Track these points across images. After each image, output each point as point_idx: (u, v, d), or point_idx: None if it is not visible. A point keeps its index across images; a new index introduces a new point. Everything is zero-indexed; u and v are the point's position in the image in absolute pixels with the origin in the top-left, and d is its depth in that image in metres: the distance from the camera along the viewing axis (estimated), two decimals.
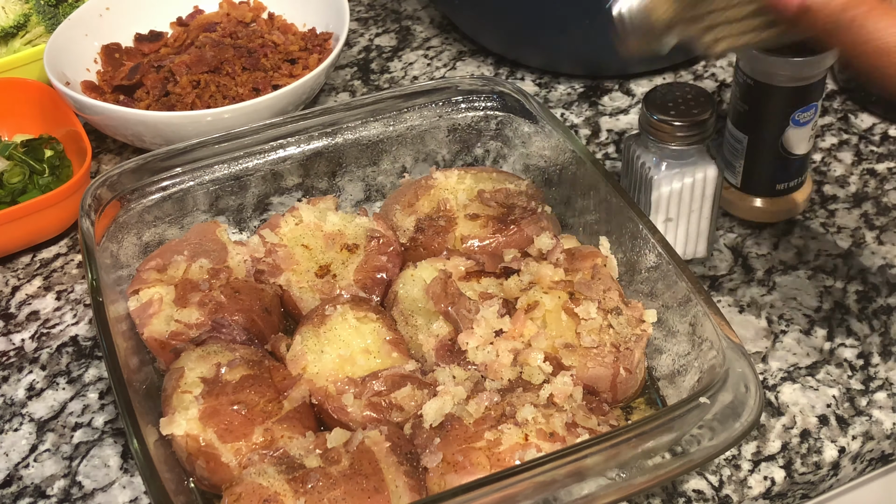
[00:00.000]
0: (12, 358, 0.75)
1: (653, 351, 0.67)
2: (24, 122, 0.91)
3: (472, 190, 0.77)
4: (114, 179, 0.72)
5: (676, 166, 0.73)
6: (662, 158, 0.73)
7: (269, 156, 0.77)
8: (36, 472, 0.67)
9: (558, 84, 1.00)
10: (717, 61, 1.02)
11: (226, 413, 0.60)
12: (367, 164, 0.81)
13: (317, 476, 0.56)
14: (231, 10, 1.01)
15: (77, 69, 0.92)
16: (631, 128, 0.94)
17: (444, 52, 1.06)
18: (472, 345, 0.63)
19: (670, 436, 0.55)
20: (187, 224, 0.76)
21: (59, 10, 0.98)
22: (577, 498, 0.54)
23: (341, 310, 0.67)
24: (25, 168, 0.85)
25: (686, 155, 0.72)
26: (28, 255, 0.84)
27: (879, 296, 0.76)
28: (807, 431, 0.67)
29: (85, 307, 0.79)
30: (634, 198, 0.76)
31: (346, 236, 0.74)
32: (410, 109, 0.80)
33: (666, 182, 0.73)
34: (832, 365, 0.71)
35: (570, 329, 0.64)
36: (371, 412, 0.61)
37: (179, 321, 0.66)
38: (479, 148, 0.83)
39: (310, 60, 0.94)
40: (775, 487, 0.64)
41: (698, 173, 0.73)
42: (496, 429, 0.58)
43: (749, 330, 0.74)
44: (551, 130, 0.76)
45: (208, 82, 0.89)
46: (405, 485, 0.56)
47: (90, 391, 0.72)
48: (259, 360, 0.64)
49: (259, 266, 0.72)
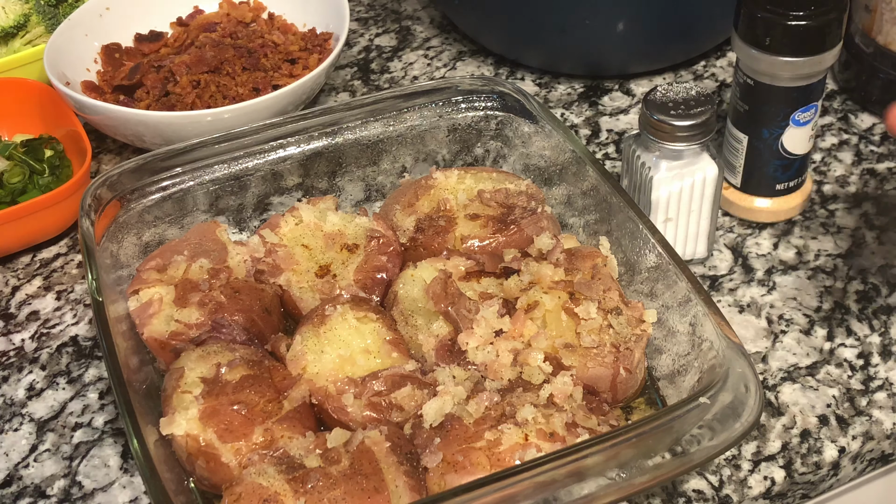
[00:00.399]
0: (12, 358, 0.75)
1: (653, 351, 0.67)
2: (24, 122, 0.91)
3: (472, 190, 0.77)
4: (114, 179, 0.72)
5: (676, 166, 0.73)
6: (662, 158, 0.73)
7: (269, 156, 0.77)
8: (36, 472, 0.67)
9: (558, 84, 1.00)
10: (717, 61, 1.02)
11: (226, 413, 0.60)
12: (367, 164, 0.81)
13: (317, 476, 0.56)
14: (231, 10, 1.01)
15: (77, 69, 0.92)
16: (631, 128, 0.94)
17: (444, 52, 1.06)
18: (472, 345, 0.63)
19: (670, 436, 0.55)
20: (187, 224, 0.76)
21: (59, 10, 0.98)
22: (577, 498, 0.54)
23: (341, 310, 0.67)
24: (25, 168, 0.85)
25: (686, 155, 0.72)
26: (28, 255, 0.84)
27: (879, 296, 0.76)
28: (807, 431, 0.67)
29: (85, 307, 0.79)
30: (634, 198, 0.76)
31: (346, 236, 0.74)
32: (410, 109, 0.80)
33: (666, 182, 0.73)
34: (832, 365, 0.71)
35: (570, 329, 0.64)
36: (371, 412, 0.61)
37: (179, 321, 0.66)
38: (479, 148, 0.83)
39: (310, 60, 0.94)
40: (775, 487, 0.64)
41: (698, 173, 0.73)
42: (496, 429, 0.58)
43: (749, 330, 0.74)
44: (551, 130, 0.76)
45: (208, 82, 0.89)
46: (405, 485, 0.56)
47: (90, 391, 0.72)
48: (259, 360, 0.64)
49: (259, 266, 0.72)
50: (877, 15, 0.87)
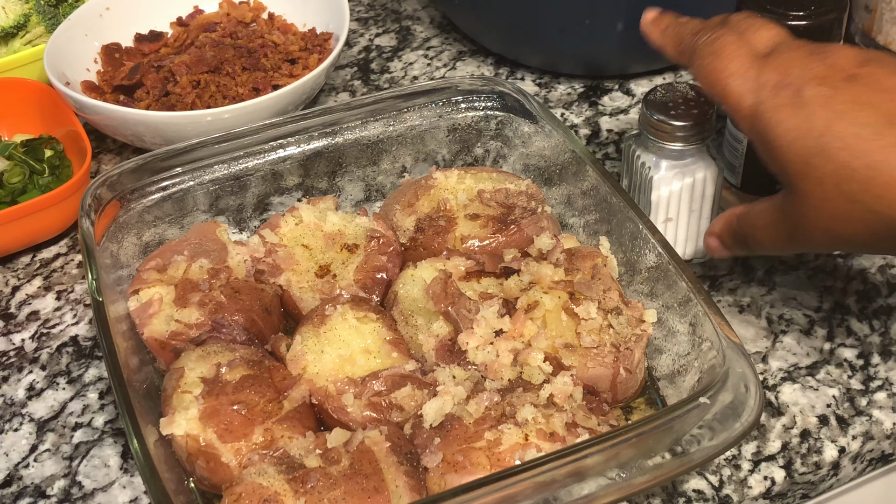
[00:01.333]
0: (12, 358, 0.75)
1: (653, 351, 0.67)
2: (24, 122, 0.91)
3: (472, 190, 0.77)
4: (114, 179, 0.72)
5: (676, 166, 0.73)
6: (662, 158, 0.73)
7: (269, 156, 0.77)
8: (36, 472, 0.67)
9: (558, 84, 1.00)
10: None
11: (226, 413, 0.60)
12: (367, 164, 0.81)
13: (317, 476, 0.56)
14: (231, 10, 1.01)
15: (77, 69, 0.92)
16: (631, 128, 0.94)
17: (444, 52, 1.06)
18: (472, 345, 0.63)
19: (670, 436, 0.55)
20: (187, 224, 0.76)
21: (59, 10, 0.98)
22: (577, 498, 0.54)
23: (341, 310, 0.67)
24: (25, 168, 0.85)
25: (686, 155, 0.72)
26: (28, 255, 0.84)
27: (879, 296, 0.76)
28: (807, 431, 0.67)
29: (85, 307, 0.79)
30: (634, 198, 0.76)
31: (346, 236, 0.74)
32: (410, 109, 0.80)
33: (666, 182, 0.73)
34: (832, 365, 0.71)
35: (570, 329, 0.65)
36: (371, 412, 0.61)
37: (179, 321, 0.66)
38: (479, 148, 0.83)
39: (310, 60, 0.94)
40: (775, 487, 0.64)
41: (698, 173, 0.73)
42: (496, 429, 0.58)
43: (749, 330, 0.74)
44: (551, 130, 0.76)
45: (208, 82, 0.89)
46: (405, 485, 0.56)
47: (90, 391, 0.72)
48: (259, 360, 0.64)
49: (259, 266, 0.72)
50: (877, 15, 0.87)
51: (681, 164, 0.73)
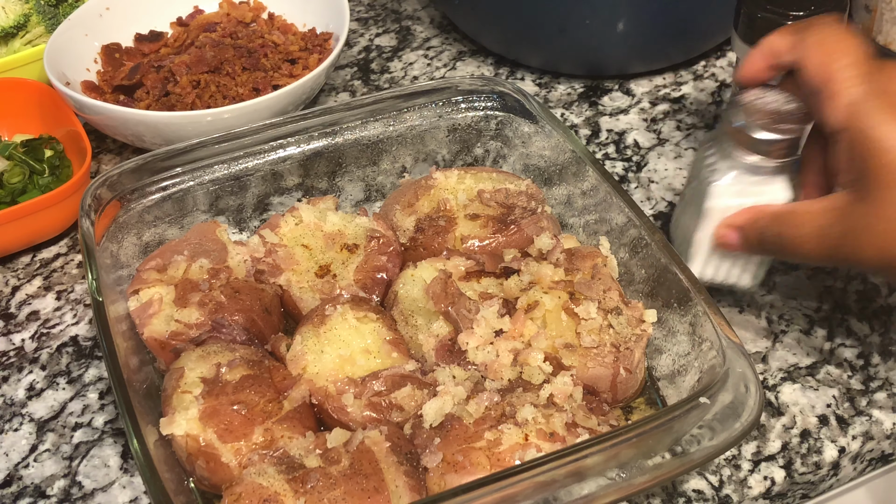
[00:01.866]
0: (12, 358, 0.75)
1: (653, 351, 0.67)
2: (24, 122, 0.91)
3: (472, 190, 0.77)
4: (114, 179, 0.72)
5: (745, 181, 0.65)
6: (733, 168, 0.65)
7: (269, 156, 0.77)
8: (36, 472, 0.67)
9: (558, 84, 1.00)
10: (717, 61, 1.02)
11: (226, 413, 0.60)
12: (367, 164, 0.81)
13: (317, 476, 0.56)
14: (231, 10, 1.01)
15: (77, 69, 0.92)
16: (631, 128, 0.94)
17: (444, 52, 1.06)
18: (472, 345, 0.63)
19: (670, 436, 0.55)
20: (187, 224, 0.76)
21: (59, 10, 0.98)
22: (577, 498, 0.54)
23: (341, 310, 0.67)
24: (25, 168, 0.85)
25: (761, 171, 0.64)
26: (28, 255, 0.84)
27: (879, 296, 0.76)
28: (807, 431, 0.67)
29: (85, 307, 0.79)
30: (690, 200, 0.69)
31: (346, 236, 0.74)
32: (410, 109, 0.80)
33: (726, 194, 0.65)
34: (832, 365, 0.71)
35: (570, 329, 0.65)
36: (371, 412, 0.61)
37: (179, 321, 0.66)
38: (479, 148, 0.83)
39: (310, 60, 0.94)
40: (775, 487, 0.64)
41: (767, 195, 0.64)
42: (496, 429, 0.58)
43: (749, 330, 0.74)
44: (551, 130, 0.76)
45: (208, 82, 0.89)
46: (405, 485, 0.56)
47: (90, 391, 0.72)
48: (259, 360, 0.64)
49: (259, 266, 0.72)
50: (877, 15, 0.87)
51: (750, 180, 0.65)
